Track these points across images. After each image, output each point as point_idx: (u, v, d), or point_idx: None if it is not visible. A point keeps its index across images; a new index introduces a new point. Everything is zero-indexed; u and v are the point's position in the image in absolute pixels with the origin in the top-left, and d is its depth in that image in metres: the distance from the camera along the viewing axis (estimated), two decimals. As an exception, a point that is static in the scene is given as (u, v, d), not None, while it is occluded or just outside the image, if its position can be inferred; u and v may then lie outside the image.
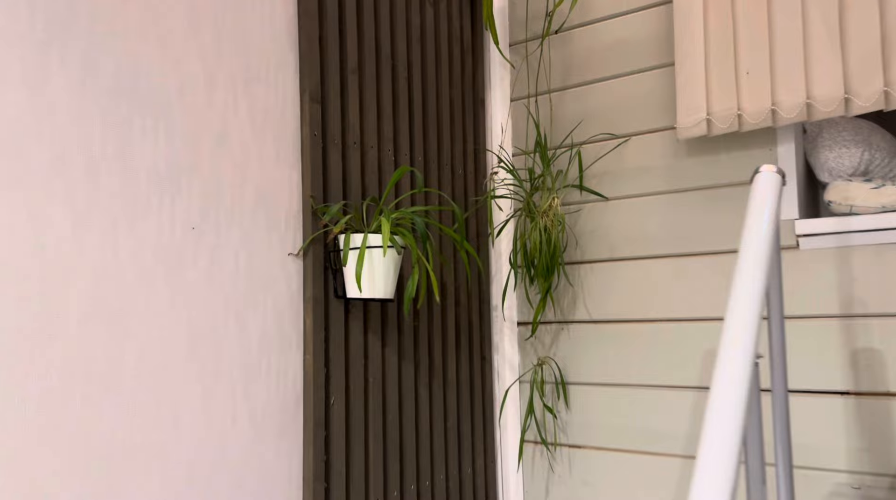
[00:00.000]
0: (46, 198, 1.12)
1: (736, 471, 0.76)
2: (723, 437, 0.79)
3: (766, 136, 1.81)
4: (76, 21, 1.17)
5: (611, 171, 2.04)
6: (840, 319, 1.71)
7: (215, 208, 1.38)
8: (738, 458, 0.78)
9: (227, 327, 1.39)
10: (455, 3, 2.05)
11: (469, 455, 2.00)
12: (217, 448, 1.36)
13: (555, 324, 2.12)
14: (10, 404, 1.06)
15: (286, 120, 1.55)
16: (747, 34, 1.73)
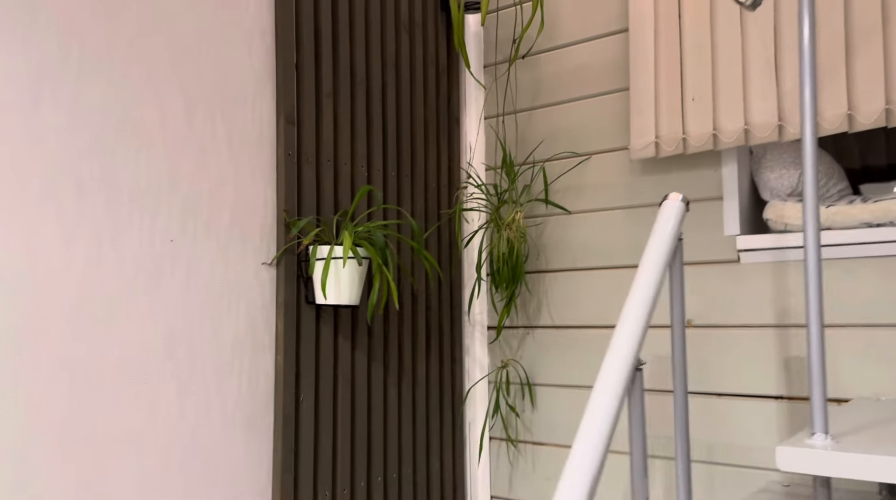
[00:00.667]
0: (38, 215, 1.29)
1: (602, 457, 0.90)
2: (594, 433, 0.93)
3: (711, 157, 1.94)
4: (67, 60, 1.34)
5: (573, 186, 2.18)
6: (775, 328, 1.84)
7: (193, 223, 1.54)
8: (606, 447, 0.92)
9: (203, 329, 1.55)
10: (431, 29, 2.20)
11: (437, 450, 2.15)
12: (190, 439, 1.52)
13: (521, 329, 2.26)
14: (3, 395, 1.23)
15: (262, 141, 1.71)
16: (693, 64, 1.86)
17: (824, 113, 1.69)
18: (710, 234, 1.94)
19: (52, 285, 1.30)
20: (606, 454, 0.92)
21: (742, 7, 1.35)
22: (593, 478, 0.88)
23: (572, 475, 0.88)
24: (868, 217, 1.72)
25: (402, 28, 2.09)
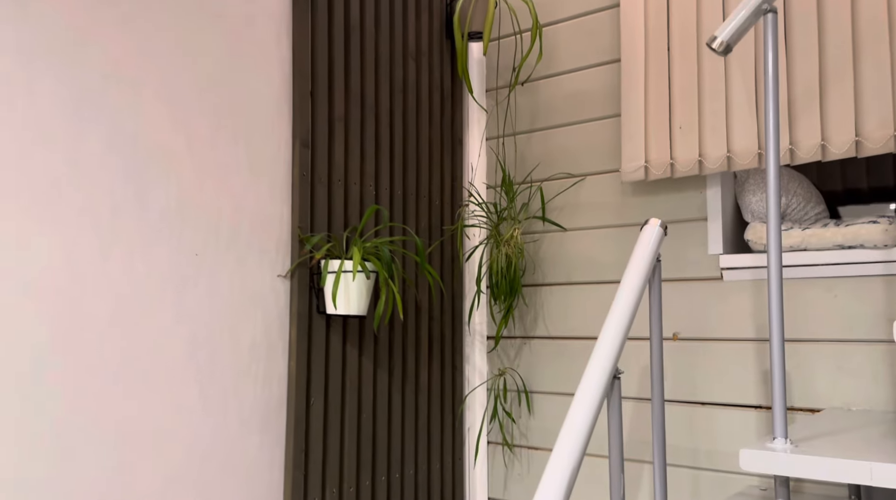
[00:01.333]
0: (78, 232, 1.42)
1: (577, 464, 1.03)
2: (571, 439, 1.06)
3: (697, 181, 2.08)
4: (106, 90, 1.48)
5: (568, 205, 2.31)
6: (755, 342, 1.97)
7: (215, 238, 1.68)
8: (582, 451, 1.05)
9: (222, 336, 1.68)
10: (436, 56, 2.34)
11: (438, 452, 2.28)
12: (210, 437, 1.65)
13: (518, 339, 2.39)
14: (48, 394, 1.36)
15: (279, 163, 1.85)
16: (680, 95, 2.00)
17: (800, 143, 1.83)
18: (696, 253, 2.07)
19: (90, 295, 1.44)
20: (586, 446, 1.05)
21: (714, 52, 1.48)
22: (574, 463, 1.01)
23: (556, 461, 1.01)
24: (840, 239, 1.85)
25: (409, 56, 2.23)
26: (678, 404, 2.07)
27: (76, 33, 1.44)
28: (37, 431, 1.35)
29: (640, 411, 2.14)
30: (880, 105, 1.73)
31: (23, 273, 1.34)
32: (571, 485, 1.00)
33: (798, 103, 1.83)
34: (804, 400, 1.89)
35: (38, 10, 1.38)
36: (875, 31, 1.74)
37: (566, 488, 0.98)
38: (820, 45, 1.81)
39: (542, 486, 0.98)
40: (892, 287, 1.80)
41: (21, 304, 1.33)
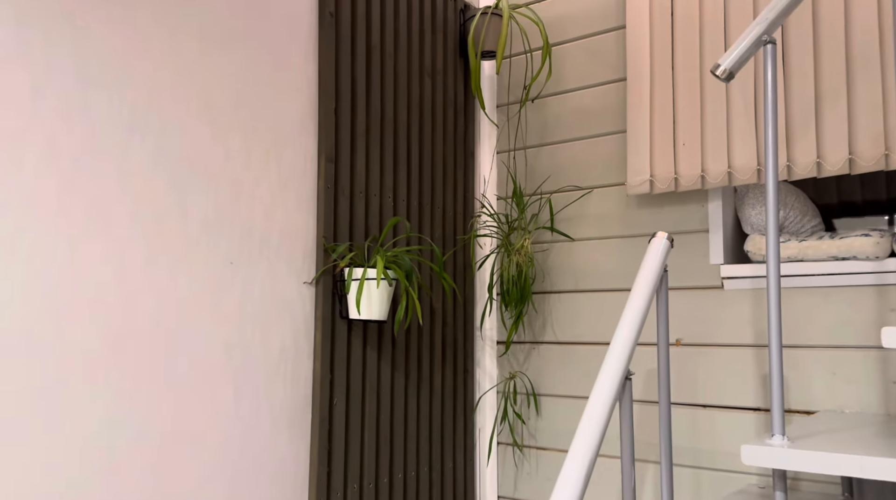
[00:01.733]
0: (125, 243, 1.53)
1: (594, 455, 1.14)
2: (589, 432, 1.17)
3: (699, 194, 2.19)
4: (150, 111, 1.59)
5: (576, 216, 2.42)
6: (754, 348, 2.08)
7: (248, 247, 1.79)
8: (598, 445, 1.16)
9: (255, 339, 1.79)
10: (450, 74, 2.46)
11: (451, 452, 2.38)
12: (243, 434, 1.76)
13: (528, 344, 2.50)
14: (97, 394, 1.47)
15: (306, 175, 1.96)
16: (684, 112, 2.11)
17: (797, 160, 1.94)
18: (698, 262, 2.18)
19: (136, 300, 1.54)
20: (602, 437, 1.16)
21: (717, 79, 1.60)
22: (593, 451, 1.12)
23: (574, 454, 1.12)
24: (835, 251, 1.96)
25: (425, 74, 2.35)
26: (681, 407, 2.18)
27: (126, 56, 1.55)
28: (87, 429, 1.45)
29: (646, 413, 2.25)
30: (872, 125, 1.84)
31: (75, 280, 1.44)
32: (591, 469, 1.11)
33: (795, 123, 1.95)
34: (801, 403, 2.00)
35: (95, 34, 1.49)
36: (867, 57, 1.86)
37: (586, 471, 1.09)
38: (815, 68, 1.93)
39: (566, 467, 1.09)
40: (882, 296, 1.91)
41: (74, 309, 1.44)
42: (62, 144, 1.43)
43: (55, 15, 1.43)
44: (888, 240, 1.91)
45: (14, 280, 1.35)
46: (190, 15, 1.69)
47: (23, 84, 1.38)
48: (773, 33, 1.40)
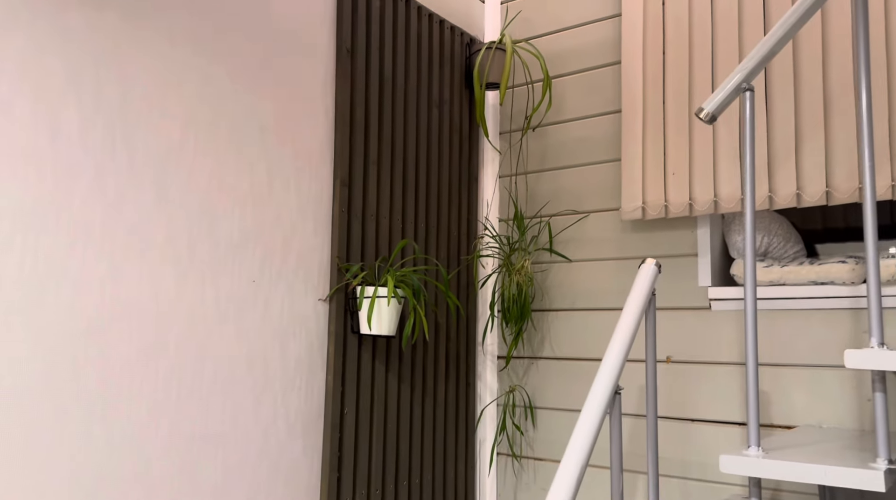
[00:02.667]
0: (160, 264, 1.68)
1: (585, 463, 1.28)
2: (580, 443, 1.30)
3: (689, 221, 2.34)
4: (185, 143, 1.74)
5: (574, 239, 2.57)
6: (739, 366, 2.22)
7: (269, 267, 1.93)
8: (589, 453, 1.29)
9: (274, 352, 1.93)
10: (456, 104, 2.61)
11: (453, 461, 2.51)
12: (262, 440, 1.89)
13: (527, 359, 2.64)
14: (132, 402, 1.61)
15: (322, 200, 2.10)
16: (674, 144, 2.26)
17: (778, 191, 2.09)
18: (687, 284, 2.32)
19: (168, 315, 1.68)
20: (593, 445, 1.30)
21: (701, 121, 1.75)
22: (582, 464, 1.25)
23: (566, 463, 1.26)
24: (814, 276, 2.10)
25: (433, 104, 2.50)
26: (671, 421, 2.31)
27: (165, 92, 1.70)
28: (123, 431, 1.59)
29: (639, 426, 2.38)
30: (847, 161, 1.99)
31: (115, 298, 1.59)
32: (581, 476, 1.24)
33: (777, 157, 2.10)
34: (783, 418, 2.14)
35: (138, 72, 1.64)
36: (842, 98, 2.01)
37: (577, 478, 1.23)
38: (796, 108, 2.08)
39: (559, 474, 1.23)
40: (857, 319, 2.05)
41: (114, 324, 1.58)
42: (107, 173, 1.58)
43: (105, 53, 1.58)
44: (862, 267, 2.05)
45: (64, 298, 1.49)
46: (222, 54, 1.84)
47: (74, 119, 1.53)
48: (751, 81, 1.55)
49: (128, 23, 1.63)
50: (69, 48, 1.53)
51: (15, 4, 1.45)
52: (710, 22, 2.24)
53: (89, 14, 1.57)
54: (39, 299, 1.46)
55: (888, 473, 1.33)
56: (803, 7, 1.48)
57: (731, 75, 1.56)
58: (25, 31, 1.46)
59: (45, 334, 1.46)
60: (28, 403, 1.44)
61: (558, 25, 2.69)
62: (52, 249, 1.48)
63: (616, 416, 1.45)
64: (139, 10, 1.66)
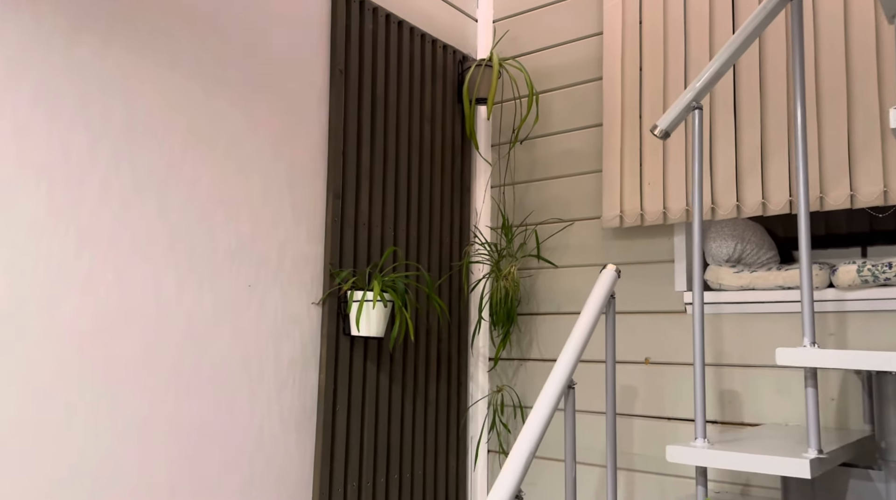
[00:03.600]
0: (161, 270, 1.84)
1: (535, 447, 1.41)
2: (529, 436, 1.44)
3: (667, 228, 2.45)
4: (185, 158, 1.90)
5: (560, 246, 2.70)
6: (713, 367, 2.33)
7: (265, 272, 2.09)
8: (539, 439, 1.42)
9: (268, 352, 2.08)
10: (448, 118, 2.76)
11: (444, 457, 2.65)
12: (257, 435, 2.05)
13: (515, 360, 2.77)
14: (135, 398, 1.77)
15: (315, 210, 2.26)
16: (649, 156, 2.39)
17: (745, 200, 2.20)
18: (665, 289, 2.44)
19: (169, 317, 1.85)
20: (545, 428, 1.43)
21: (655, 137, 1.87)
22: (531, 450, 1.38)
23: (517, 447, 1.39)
24: (781, 281, 2.21)
25: (424, 119, 2.65)
26: (651, 419, 2.43)
27: (167, 109, 1.87)
28: (126, 425, 1.75)
29: (619, 426, 2.50)
30: (809, 172, 2.10)
31: (120, 301, 1.75)
32: (531, 458, 1.37)
33: (744, 168, 2.21)
34: (752, 416, 2.24)
35: (142, 90, 1.81)
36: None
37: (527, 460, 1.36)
38: (762, 121, 2.19)
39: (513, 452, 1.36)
40: (821, 322, 2.15)
41: (119, 325, 1.75)
42: (113, 188, 1.75)
43: (111, 80, 1.76)
44: (826, 273, 2.15)
45: (72, 301, 1.66)
46: (220, 77, 2.00)
47: (83, 140, 1.70)
48: (700, 100, 1.68)
49: (132, 53, 1.81)
50: (79, 77, 1.70)
51: (30, 41, 1.63)
52: (683, 41, 2.37)
53: (97, 46, 1.74)
54: (50, 302, 1.63)
55: (816, 462, 1.44)
56: (743, 35, 1.61)
57: (682, 95, 1.69)
58: (40, 64, 1.64)
59: (55, 334, 1.63)
60: (40, 398, 1.60)
61: (545, 43, 2.82)
62: (62, 256, 1.65)
63: (570, 407, 1.58)
64: (143, 41, 1.83)
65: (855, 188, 2.04)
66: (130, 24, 1.81)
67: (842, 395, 2.10)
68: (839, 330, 2.12)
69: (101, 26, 1.75)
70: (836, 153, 2.07)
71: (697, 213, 1.66)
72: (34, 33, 1.63)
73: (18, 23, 1.61)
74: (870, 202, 2.01)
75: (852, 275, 2.08)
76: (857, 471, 1.73)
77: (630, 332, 2.49)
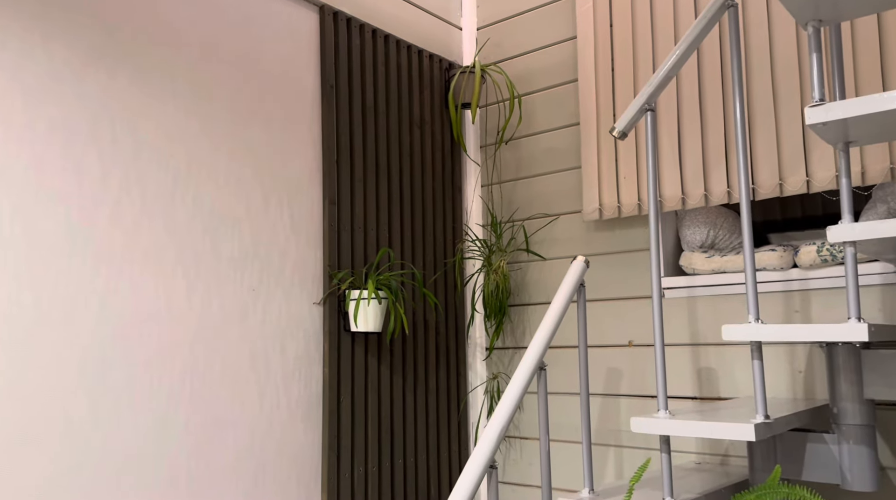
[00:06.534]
0: (171, 276, 2.03)
1: (507, 423, 1.58)
2: (501, 413, 1.60)
3: (642, 219, 2.61)
4: (190, 173, 2.09)
5: (547, 239, 2.86)
6: (690, 346, 2.48)
7: (267, 276, 2.27)
8: (511, 416, 1.59)
9: (274, 349, 2.27)
10: (437, 123, 2.93)
11: (446, 442, 2.83)
12: (267, 426, 2.23)
13: (510, 349, 2.94)
14: (153, 394, 1.96)
15: (313, 216, 2.44)
16: (624, 151, 2.54)
17: (713, 190, 2.35)
18: (644, 276, 2.59)
19: (180, 321, 2.04)
20: (517, 406, 1.59)
21: (614, 138, 2.03)
22: (505, 424, 1.55)
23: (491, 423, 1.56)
24: (749, 264, 2.35)
25: (414, 125, 2.82)
26: (635, 398, 2.59)
27: (171, 133, 2.06)
28: (146, 420, 1.94)
29: (609, 405, 2.66)
30: (769, 162, 2.25)
31: (135, 309, 1.94)
32: (503, 433, 1.54)
33: (710, 160, 2.36)
34: (727, 391, 2.40)
35: (147, 117, 2.00)
36: (764, 108, 2.27)
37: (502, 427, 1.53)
38: (724, 117, 2.34)
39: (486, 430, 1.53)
40: (787, 301, 2.30)
41: (135, 330, 1.94)
42: (124, 208, 1.94)
43: (119, 110, 1.95)
44: (790, 254, 2.30)
45: (92, 309, 1.86)
46: (219, 98, 2.19)
47: (95, 166, 1.89)
48: (652, 103, 1.83)
49: (135, 85, 1.99)
50: (89, 109, 1.89)
51: (44, 76, 1.82)
52: (650, 43, 2.52)
53: (103, 81, 1.93)
54: (72, 311, 1.82)
55: (761, 426, 1.60)
56: (686, 42, 1.76)
57: (637, 98, 1.84)
58: (54, 98, 1.83)
59: (78, 340, 1.83)
60: (67, 397, 1.80)
61: (526, 48, 2.98)
62: (80, 270, 1.84)
63: (542, 387, 1.75)
64: (145, 72, 2.02)
65: (811, 174, 2.18)
66: (132, 58, 2.00)
67: (808, 368, 2.25)
68: (803, 307, 2.27)
69: (107, 62, 1.94)
70: (791, 143, 2.21)
71: (653, 205, 1.82)
72: (47, 69, 1.82)
73: (34, 61, 1.80)
74: (824, 187, 2.15)
75: (812, 255, 2.22)
76: (814, 435, 1.88)
77: (614, 317, 2.65)
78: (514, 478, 2.88)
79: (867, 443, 1.80)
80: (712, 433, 1.62)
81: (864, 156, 2.09)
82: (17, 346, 1.72)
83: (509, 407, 1.60)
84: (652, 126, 1.83)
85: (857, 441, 1.81)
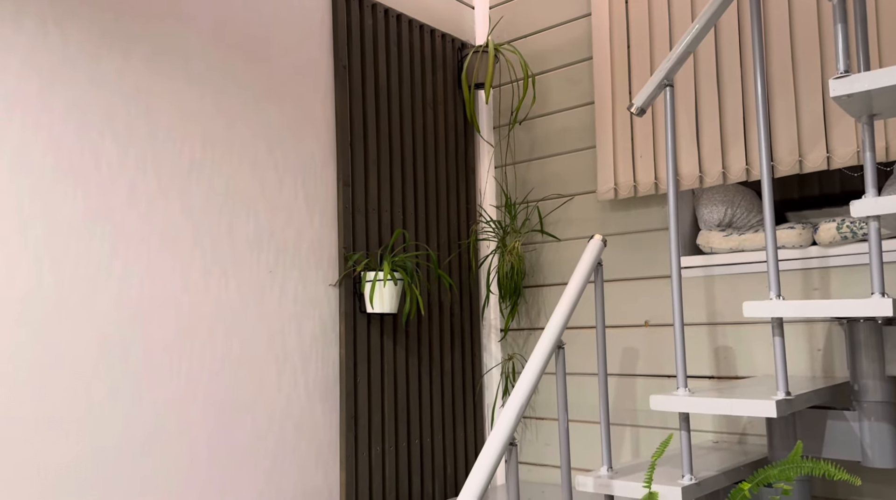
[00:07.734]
0: (189, 261, 2.03)
1: (527, 400, 1.57)
2: (521, 391, 1.60)
3: (659, 198, 2.59)
4: (204, 158, 2.09)
5: (562, 220, 2.84)
6: (707, 325, 2.47)
7: (283, 258, 2.27)
8: (530, 394, 1.59)
9: (291, 331, 2.27)
10: (450, 104, 2.91)
11: (462, 422, 2.83)
12: (285, 406, 2.24)
13: (525, 330, 2.93)
14: (172, 375, 1.97)
15: (328, 198, 2.43)
16: (640, 130, 2.52)
17: (731, 167, 2.33)
18: (661, 255, 2.58)
19: (198, 302, 2.04)
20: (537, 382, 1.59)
21: (632, 114, 2.01)
22: (524, 401, 1.55)
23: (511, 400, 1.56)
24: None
25: (427, 106, 2.80)
26: (652, 378, 2.58)
27: (186, 115, 2.05)
28: (165, 401, 1.96)
29: (624, 384, 2.66)
30: (788, 138, 2.22)
31: (153, 289, 1.95)
32: (522, 411, 1.54)
33: (728, 137, 2.34)
34: (745, 370, 2.38)
35: (162, 98, 2.00)
36: (784, 83, 2.24)
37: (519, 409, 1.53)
38: (743, 93, 2.31)
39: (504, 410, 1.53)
40: (806, 278, 2.28)
41: (153, 311, 1.95)
42: (140, 190, 1.94)
43: (133, 93, 1.94)
44: (809, 231, 2.28)
45: (111, 292, 1.86)
46: (232, 80, 2.18)
47: (111, 148, 1.89)
48: (671, 78, 1.81)
49: (149, 66, 1.99)
50: (104, 92, 1.89)
51: (59, 62, 1.81)
52: (667, 19, 2.48)
53: (118, 63, 1.92)
54: (92, 293, 1.83)
55: (783, 403, 1.59)
56: (705, 17, 1.73)
57: (655, 74, 1.82)
58: (69, 83, 1.83)
59: (98, 322, 1.84)
60: (88, 378, 1.81)
61: (539, 26, 2.95)
62: (99, 253, 1.85)
63: (560, 366, 1.75)
64: (158, 54, 2.01)
65: (831, 150, 2.15)
66: (146, 40, 1.99)
67: (827, 346, 2.23)
68: (822, 285, 2.25)
69: (122, 44, 1.94)
70: (811, 119, 2.18)
71: (672, 182, 1.80)
72: (62, 55, 1.82)
73: (48, 47, 1.80)
74: (845, 163, 2.13)
75: (832, 232, 2.20)
76: (834, 413, 1.87)
77: (630, 297, 2.64)
78: (530, 458, 2.89)
79: (889, 420, 1.79)
80: (733, 409, 1.61)
81: (888, 130, 2.06)
82: (38, 328, 1.73)
83: (529, 384, 1.60)
84: (671, 102, 1.81)
85: (878, 418, 1.80)
